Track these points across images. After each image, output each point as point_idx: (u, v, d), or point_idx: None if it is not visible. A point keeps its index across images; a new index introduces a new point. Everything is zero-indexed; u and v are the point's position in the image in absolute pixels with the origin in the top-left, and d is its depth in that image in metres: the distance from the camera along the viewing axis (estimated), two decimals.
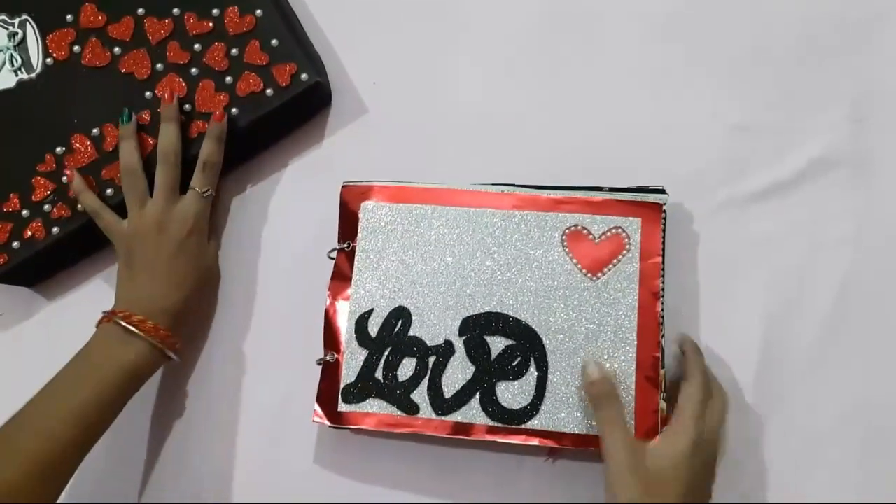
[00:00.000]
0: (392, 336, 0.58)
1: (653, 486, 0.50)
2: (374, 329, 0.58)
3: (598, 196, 0.58)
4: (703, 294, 0.61)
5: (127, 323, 0.57)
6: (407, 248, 0.59)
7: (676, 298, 0.59)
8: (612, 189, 0.58)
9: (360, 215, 0.60)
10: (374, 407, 0.57)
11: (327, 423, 0.57)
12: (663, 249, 0.57)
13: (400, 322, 0.58)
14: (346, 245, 0.60)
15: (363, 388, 0.57)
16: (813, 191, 0.62)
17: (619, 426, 0.52)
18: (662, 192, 0.58)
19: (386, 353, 0.57)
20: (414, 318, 0.58)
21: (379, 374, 0.57)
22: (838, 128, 0.62)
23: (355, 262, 0.59)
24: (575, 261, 0.57)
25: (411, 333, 0.57)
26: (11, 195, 0.63)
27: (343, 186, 0.61)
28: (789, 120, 0.63)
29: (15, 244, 0.62)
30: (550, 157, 0.64)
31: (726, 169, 0.62)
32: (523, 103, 0.65)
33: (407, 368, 0.57)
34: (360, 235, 0.59)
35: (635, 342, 0.55)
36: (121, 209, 0.61)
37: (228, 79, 0.62)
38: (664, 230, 0.57)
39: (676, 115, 0.64)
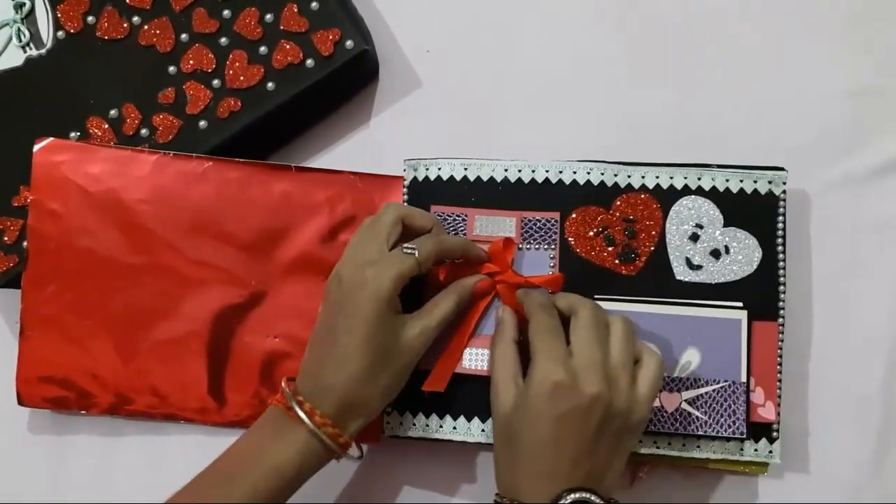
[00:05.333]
0: None
1: (512, 439, 0.45)
2: None
3: (704, 174, 0.52)
4: (818, 284, 0.55)
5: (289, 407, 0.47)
6: None
7: (789, 290, 0.52)
8: (721, 166, 0.52)
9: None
10: None
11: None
12: (783, 234, 0.51)
13: None
14: None
15: None
16: None
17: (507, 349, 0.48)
18: (781, 169, 0.52)
19: None
20: None
21: None
22: None
23: None
24: None
25: None
26: (22, 188, 0.58)
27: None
28: None
29: (26, 243, 0.57)
30: (633, 134, 0.58)
31: (843, 140, 0.57)
32: (600, 71, 0.59)
33: None
34: None
35: None
36: None
37: (263, 49, 0.57)
38: (784, 212, 0.51)
39: (783, 81, 0.58)
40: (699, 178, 0.52)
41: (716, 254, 0.51)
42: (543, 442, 0.43)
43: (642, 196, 0.52)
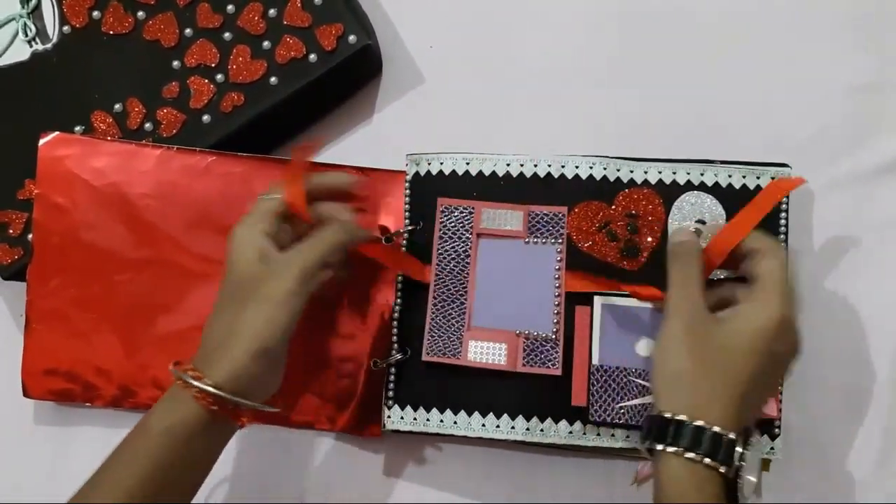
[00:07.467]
0: None
1: (711, 364, 0.42)
2: None
3: (707, 170, 0.51)
4: (822, 284, 0.54)
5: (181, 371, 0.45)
6: None
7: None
8: (724, 162, 0.51)
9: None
10: None
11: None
12: (786, 232, 0.50)
13: None
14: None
15: None
16: None
17: (691, 284, 0.44)
18: (785, 165, 0.51)
19: None
20: None
21: None
22: None
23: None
24: None
25: None
26: (27, 181, 0.58)
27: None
28: None
29: (31, 236, 0.57)
30: (635, 130, 0.57)
31: (847, 137, 0.56)
32: (603, 67, 0.58)
33: None
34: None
35: None
36: None
37: (266, 44, 0.57)
38: (787, 209, 0.50)
39: (786, 78, 0.57)
40: (702, 174, 0.51)
41: None
42: (754, 375, 0.42)
43: (644, 191, 0.51)
